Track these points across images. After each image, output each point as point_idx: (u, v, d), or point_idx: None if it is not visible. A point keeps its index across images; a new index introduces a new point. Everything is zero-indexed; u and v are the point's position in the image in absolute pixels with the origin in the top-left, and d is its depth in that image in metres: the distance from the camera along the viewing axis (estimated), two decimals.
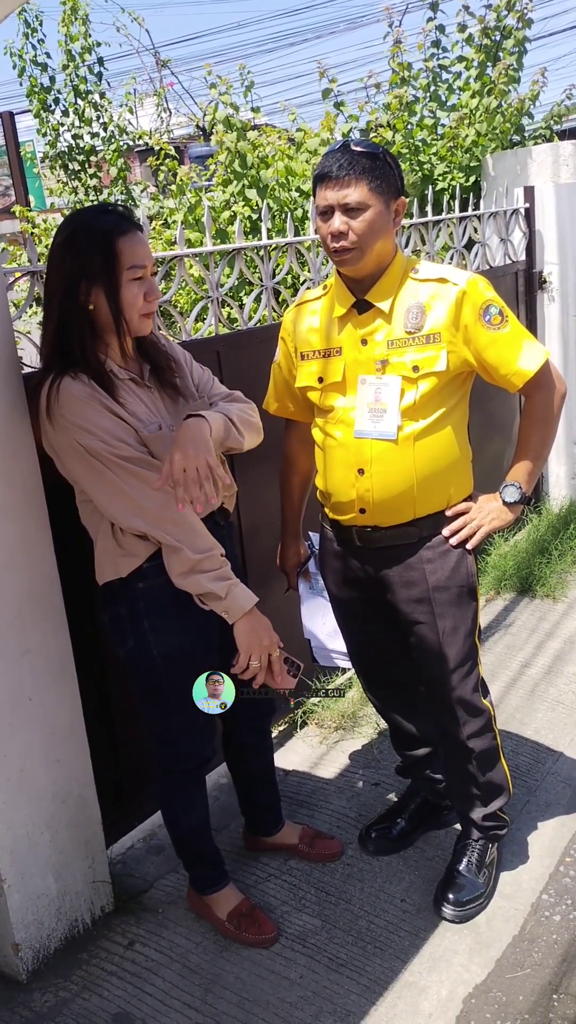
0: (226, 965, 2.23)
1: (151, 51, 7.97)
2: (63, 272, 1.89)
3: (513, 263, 4.45)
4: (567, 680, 3.38)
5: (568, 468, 4.81)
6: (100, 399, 1.89)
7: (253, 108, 5.06)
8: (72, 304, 1.89)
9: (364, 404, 2.09)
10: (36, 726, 2.16)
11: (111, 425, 1.89)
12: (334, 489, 2.18)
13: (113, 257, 1.87)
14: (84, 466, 1.90)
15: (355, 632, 2.43)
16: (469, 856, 2.40)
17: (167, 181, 5.50)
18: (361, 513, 2.16)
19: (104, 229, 1.88)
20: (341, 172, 1.97)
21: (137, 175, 10.77)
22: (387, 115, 4.85)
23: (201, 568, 1.94)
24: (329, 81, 4.92)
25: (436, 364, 2.06)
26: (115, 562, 2.01)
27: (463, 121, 4.76)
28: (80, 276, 1.87)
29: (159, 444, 1.95)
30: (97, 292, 1.88)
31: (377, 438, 2.08)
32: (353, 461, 2.12)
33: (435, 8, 4.92)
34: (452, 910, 2.31)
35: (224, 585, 1.96)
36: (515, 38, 4.81)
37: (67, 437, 1.88)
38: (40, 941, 2.26)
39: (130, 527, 1.94)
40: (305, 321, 2.20)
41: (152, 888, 2.51)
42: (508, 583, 4.11)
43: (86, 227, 1.88)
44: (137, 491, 1.89)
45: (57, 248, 1.90)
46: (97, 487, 1.92)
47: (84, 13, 6.58)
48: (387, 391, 2.07)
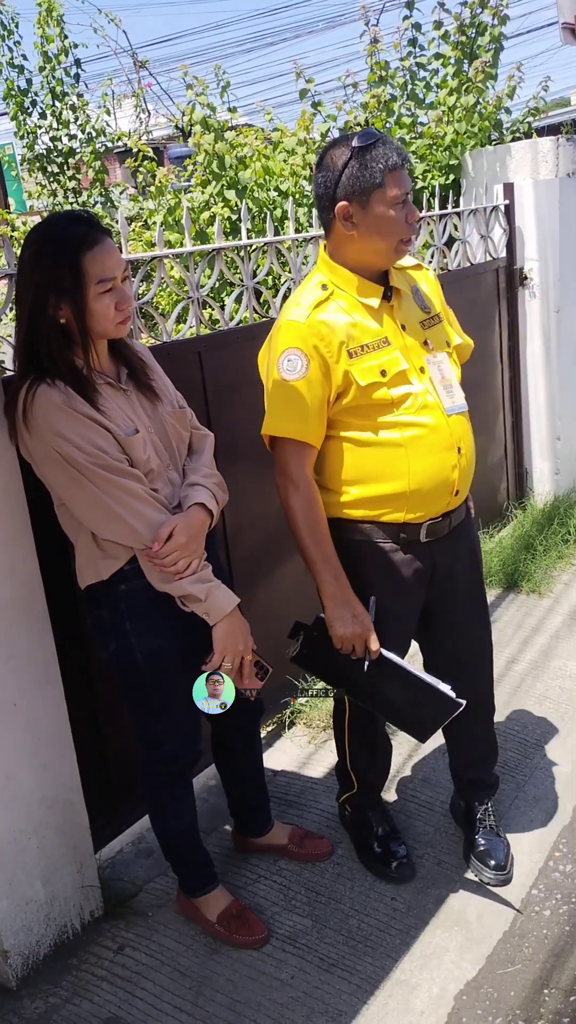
0: (216, 967, 2.23)
1: (129, 52, 7.92)
2: (32, 285, 1.88)
3: (494, 260, 4.46)
4: (554, 675, 3.39)
5: (551, 464, 4.83)
6: (76, 405, 1.87)
7: (230, 108, 5.05)
8: (42, 316, 1.88)
9: (438, 382, 2.14)
10: (21, 732, 2.14)
11: (89, 432, 1.88)
12: (428, 481, 2.10)
13: (79, 275, 1.85)
14: (62, 474, 1.89)
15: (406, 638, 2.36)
16: (484, 822, 2.51)
17: (146, 183, 5.48)
18: (455, 496, 2.19)
19: (71, 246, 1.85)
20: (403, 161, 2.00)
21: (118, 176, 10.75)
22: (365, 114, 4.84)
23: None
24: (306, 81, 4.91)
25: (455, 338, 2.30)
26: (96, 565, 2.00)
27: (441, 120, 4.76)
28: (49, 291, 1.86)
29: (137, 448, 1.95)
30: (66, 305, 1.87)
31: (459, 412, 2.18)
32: (451, 442, 2.13)
33: (411, 6, 4.92)
34: (496, 875, 2.42)
35: (204, 587, 1.97)
36: (491, 35, 4.81)
37: (44, 445, 1.87)
38: (29, 947, 2.25)
39: (108, 536, 1.94)
40: (335, 321, 2.05)
41: (142, 892, 2.50)
42: (494, 579, 4.12)
43: (52, 243, 1.86)
44: (115, 500, 1.89)
45: (26, 263, 1.89)
46: (74, 496, 1.91)
47: (59, 14, 6.54)
48: (445, 366, 2.18)
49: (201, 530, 1.99)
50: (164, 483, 2.03)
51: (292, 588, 3.11)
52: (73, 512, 1.96)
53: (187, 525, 1.95)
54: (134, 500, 1.91)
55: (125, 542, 1.94)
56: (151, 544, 1.91)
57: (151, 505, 1.94)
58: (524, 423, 4.81)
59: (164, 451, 2.05)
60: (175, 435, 2.09)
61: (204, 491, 2.05)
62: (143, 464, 1.97)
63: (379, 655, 2.12)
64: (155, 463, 2.00)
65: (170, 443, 2.08)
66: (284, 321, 2.08)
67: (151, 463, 1.99)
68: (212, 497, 2.05)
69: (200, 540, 1.98)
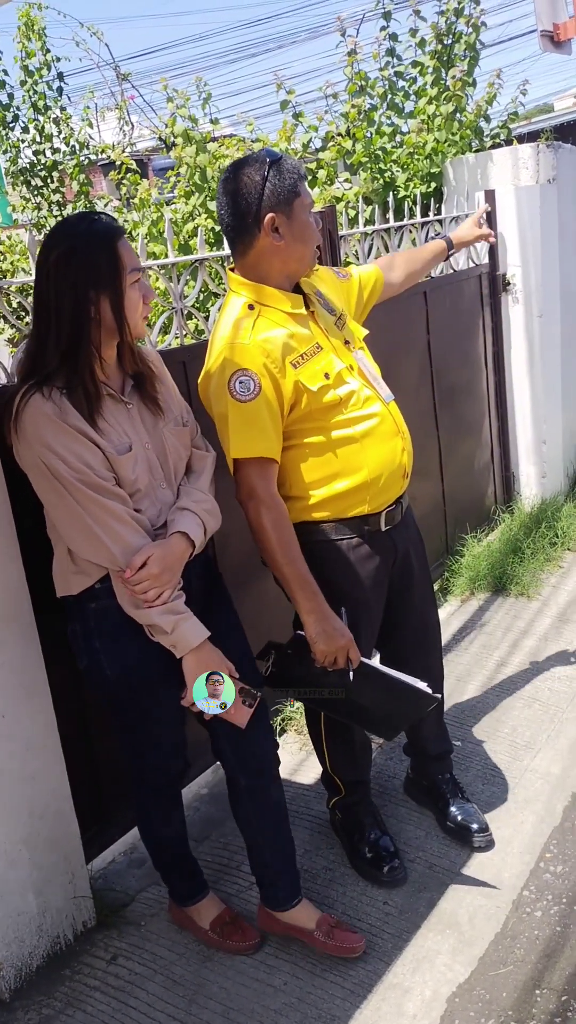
0: (210, 975, 2.23)
1: (111, 65, 7.96)
2: (68, 285, 1.82)
3: (477, 266, 4.49)
4: (543, 677, 3.40)
5: (538, 468, 4.85)
6: (68, 418, 1.83)
7: (212, 120, 5.08)
8: (84, 317, 1.83)
9: (369, 375, 2.25)
10: (9, 742, 2.15)
11: (77, 446, 1.84)
12: (382, 467, 2.20)
13: (117, 261, 1.83)
14: (46, 486, 1.87)
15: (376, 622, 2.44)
16: (454, 794, 2.65)
17: (130, 195, 5.50)
18: (405, 478, 2.29)
19: (104, 236, 1.84)
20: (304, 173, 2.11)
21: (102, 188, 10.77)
22: (346, 124, 4.88)
23: None
24: (287, 92, 4.94)
25: (362, 332, 2.35)
26: (67, 578, 1.99)
27: (422, 128, 4.79)
28: (88, 286, 1.82)
29: (127, 465, 1.91)
30: (103, 300, 1.84)
31: (392, 400, 2.28)
32: (395, 428, 2.25)
33: (387, 17, 4.96)
34: (483, 837, 2.55)
35: (172, 620, 1.92)
36: (466, 43, 4.85)
37: (31, 453, 1.85)
38: (22, 959, 2.25)
39: (84, 555, 1.91)
40: (274, 336, 2.10)
41: (134, 901, 2.50)
42: (482, 583, 4.13)
43: (87, 235, 1.83)
44: (95, 519, 1.86)
45: (57, 262, 1.82)
46: (56, 508, 1.89)
47: (40, 28, 6.57)
48: (367, 361, 2.28)
49: (178, 560, 1.94)
50: (151, 502, 1.98)
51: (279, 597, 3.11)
52: (55, 524, 1.94)
53: (163, 555, 1.89)
54: (114, 521, 1.87)
55: (100, 562, 1.91)
56: (125, 569, 1.87)
57: (130, 528, 1.90)
58: (510, 427, 4.84)
59: (159, 468, 2.00)
60: (173, 453, 2.04)
61: (191, 518, 1.99)
62: (130, 484, 1.93)
63: (360, 663, 2.15)
64: (143, 482, 1.95)
65: (167, 460, 2.02)
66: (226, 346, 2.09)
67: (139, 483, 1.94)
68: (199, 525, 2.00)
69: (175, 570, 1.93)
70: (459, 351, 4.39)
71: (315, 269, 2.29)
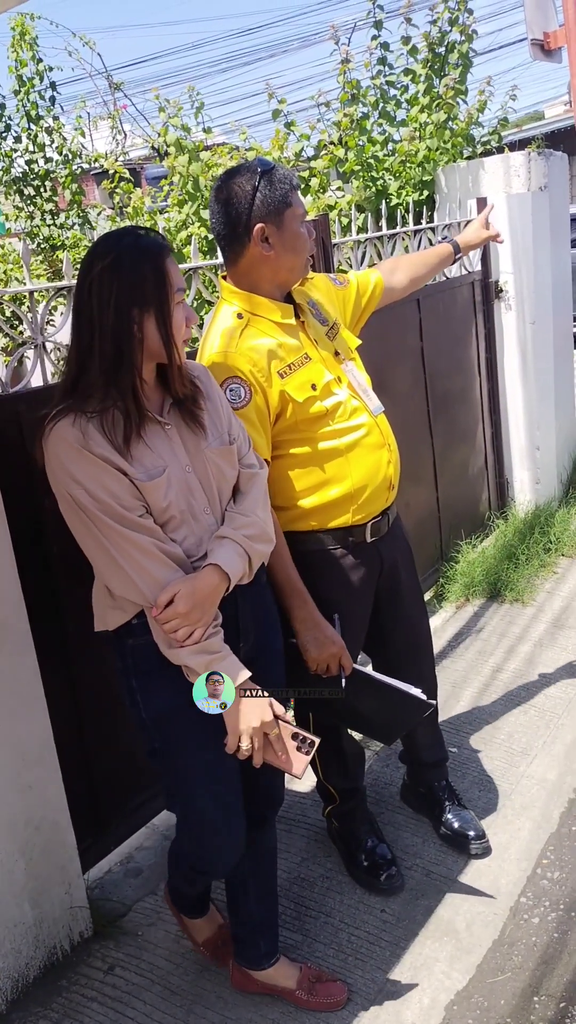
0: (207, 985, 2.22)
1: (104, 74, 7.97)
2: (111, 300, 1.68)
3: (469, 273, 4.51)
4: (538, 683, 3.41)
5: (532, 474, 4.87)
6: (92, 446, 1.69)
7: (205, 129, 5.09)
8: (128, 335, 1.70)
9: (357, 387, 2.24)
10: (5, 753, 2.14)
11: (102, 476, 1.70)
12: (367, 479, 2.20)
13: (164, 278, 1.70)
14: (73, 517, 1.75)
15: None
16: (447, 798, 2.66)
17: (123, 203, 5.52)
18: (391, 490, 2.29)
19: (151, 251, 1.71)
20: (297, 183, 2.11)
21: (95, 197, 10.78)
22: (338, 132, 4.89)
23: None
24: (278, 102, 4.96)
25: (355, 343, 2.35)
26: (104, 614, 1.85)
27: (414, 136, 4.81)
28: (131, 303, 1.68)
29: (158, 492, 1.75)
30: (148, 319, 1.70)
31: (381, 412, 2.28)
32: (381, 440, 2.24)
33: (379, 26, 4.98)
34: (480, 844, 2.56)
35: (204, 660, 1.74)
36: (459, 52, 4.88)
37: (57, 483, 1.73)
38: (18, 970, 2.24)
39: (114, 588, 1.78)
40: (261, 345, 2.09)
41: (131, 911, 2.49)
42: (477, 589, 4.14)
43: (130, 250, 1.70)
44: (120, 552, 1.72)
45: (101, 275, 1.69)
46: (84, 540, 1.77)
47: (33, 37, 6.59)
48: (357, 373, 2.28)
49: (210, 596, 1.75)
50: (190, 531, 1.80)
51: None
52: (87, 555, 1.79)
53: (191, 592, 1.72)
54: (140, 555, 1.72)
55: (131, 598, 1.77)
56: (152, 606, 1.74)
57: (157, 561, 1.73)
58: (504, 434, 4.86)
59: (201, 492, 1.83)
60: (217, 475, 1.85)
61: (228, 548, 1.80)
62: (161, 512, 1.76)
63: (353, 671, 2.16)
64: (178, 508, 1.78)
65: (210, 483, 1.84)
66: (215, 354, 2.08)
67: (172, 509, 1.77)
68: (240, 554, 1.81)
69: (207, 607, 1.74)
70: (452, 358, 4.40)
71: (309, 277, 2.29)
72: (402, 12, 4.96)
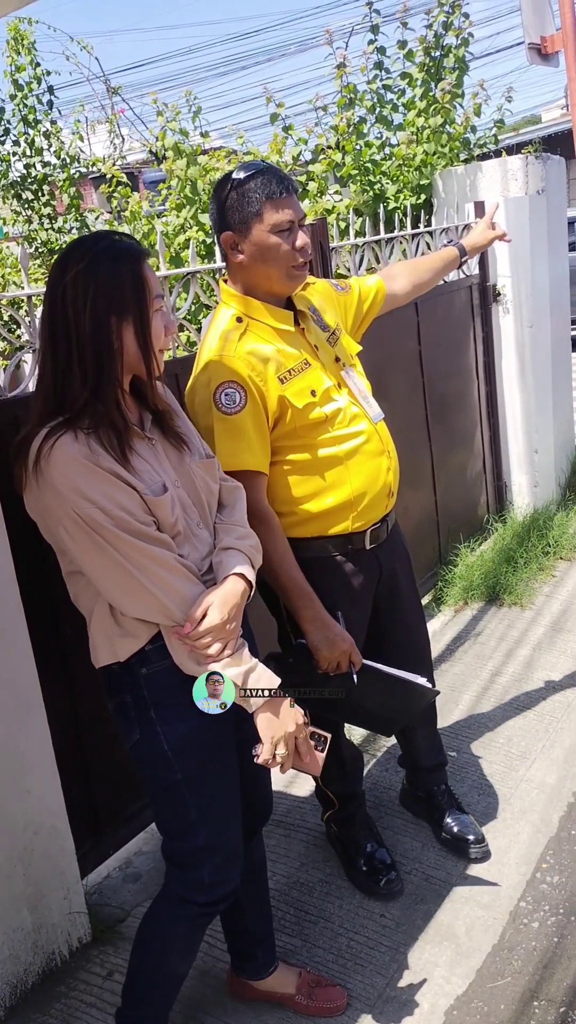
0: (206, 990, 2.21)
1: (101, 78, 7.99)
2: (87, 305, 1.60)
3: (467, 277, 4.51)
4: (537, 686, 3.40)
5: (530, 477, 4.87)
6: (100, 461, 1.61)
7: (203, 133, 5.10)
8: (107, 346, 1.62)
9: (357, 394, 2.24)
10: (4, 758, 2.13)
11: (114, 491, 1.61)
12: (367, 486, 2.20)
13: (142, 283, 1.63)
14: (83, 539, 1.62)
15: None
16: (447, 802, 2.66)
17: (121, 207, 5.52)
18: (390, 497, 2.29)
19: (129, 255, 1.63)
20: (286, 190, 2.04)
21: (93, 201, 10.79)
22: (336, 136, 4.90)
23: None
24: (276, 106, 4.96)
25: (356, 349, 2.36)
26: (112, 644, 1.72)
27: (411, 140, 4.82)
28: (109, 311, 1.60)
29: (165, 508, 1.68)
30: (127, 328, 1.63)
31: (381, 420, 2.28)
32: (381, 447, 2.24)
33: (375, 31, 4.98)
34: (480, 848, 2.56)
35: (240, 672, 1.68)
36: (455, 56, 4.88)
37: (61, 505, 1.60)
38: (17, 976, 2.23)
39: (133, 613, 1.67)
40: (261, 350, 2.08)
41: (130, 917, 2.48)
42: (475, 593, 4.14)
43: (109, 251, 1.62)
44: (142, 570, 1.63)
45: (77, 277, 1.60)
46: (95, 564, 1.64)
47: (30, 42, 6.60)
48: (357, 379, 2.27)
49: (238, 606, 1.70)
50: (192, 546, 1.75)
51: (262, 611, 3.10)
52: (94, 582, 1.68)
53: (223, 602, 1.66)
54: (164, 571, 1.64)
55: (153, 619, 1.67)
56: (183, 623, 1.65)
57: (182, 576, 1.67)
58: (502, 437, 4.86)
59: (193, 508, 1.77)
60: (204, 489, 1.81)
61: (239, 557, 1.76)
62: (170, 527, 1.70)
63: (362, 665, 2.15)
64: (182, 524, 1.73)
65: (199, 498, 1.79)
66: (214, 357, 2.07)
67: (178, 525, 1.71)
68: (249, 564, 1.77)
69: (236, 618, 1.69)
70: (450, 362, 4.40)
71: (311, 282, 2.29)
72: (398, 16, 4.97)
